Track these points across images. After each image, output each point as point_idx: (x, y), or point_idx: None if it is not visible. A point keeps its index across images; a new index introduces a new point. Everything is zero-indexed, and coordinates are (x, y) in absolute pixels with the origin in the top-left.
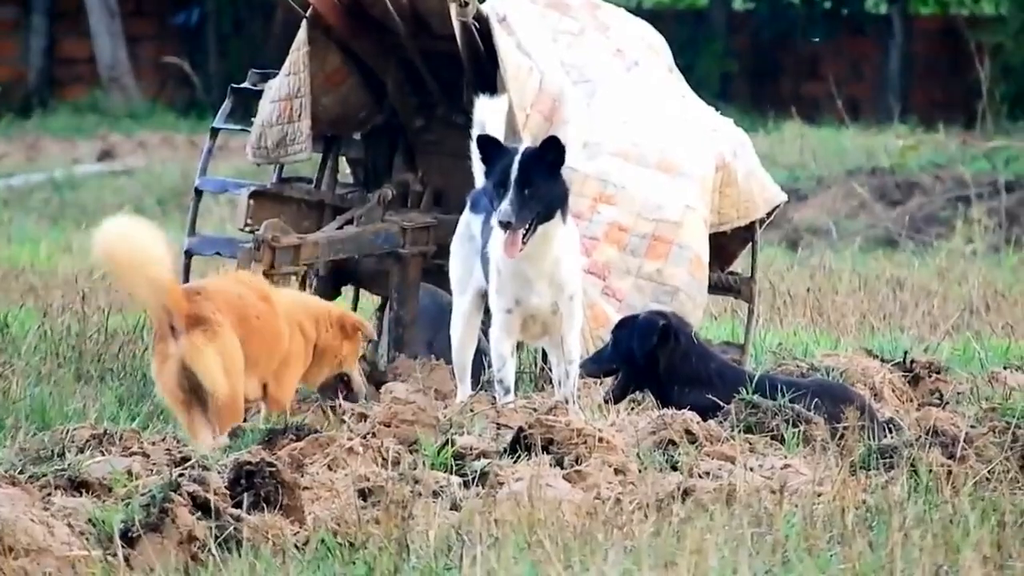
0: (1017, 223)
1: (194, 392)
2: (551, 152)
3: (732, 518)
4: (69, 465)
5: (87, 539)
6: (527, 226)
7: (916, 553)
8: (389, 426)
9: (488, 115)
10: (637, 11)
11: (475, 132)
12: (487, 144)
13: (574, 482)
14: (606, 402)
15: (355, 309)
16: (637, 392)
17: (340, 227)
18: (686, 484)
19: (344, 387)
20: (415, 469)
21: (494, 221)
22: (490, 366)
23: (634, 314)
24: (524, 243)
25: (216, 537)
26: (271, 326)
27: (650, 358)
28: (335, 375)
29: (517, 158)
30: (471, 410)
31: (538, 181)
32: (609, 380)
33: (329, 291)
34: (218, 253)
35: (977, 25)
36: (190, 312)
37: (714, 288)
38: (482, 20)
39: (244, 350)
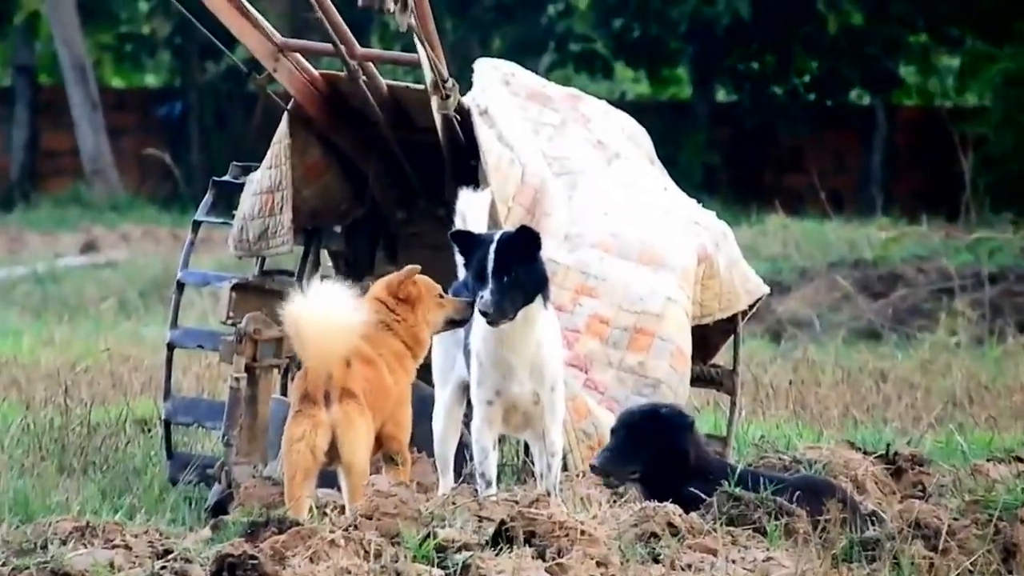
0: (1000, 315)
1: (326, 461)
2: (526, 237)
3: None
4: (52, 557)
5: None
6: (511, 316)
7: None
8: (371, 519)
9: (470, 208)
10: (619, 103)
11: (457, 224)
12: (462, 237)
13: (556, 575)
14: (610, 487)
15: None
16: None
17: None
18: None
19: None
20: (397, 562)
21: (477, 313)
22: (472, 458)
23: (636, 408)
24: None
25: None
26: (383, 386)
27: (682, 452)
28: (448, 322)
29: (492, 247)
30: (453, 502)
31: (516, 267)
32: (593, 477)
33: None
34: (200, 346)
35: (960, 116)
36: (346, 384)
37: (696, 380)
38: (463, 112)
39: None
